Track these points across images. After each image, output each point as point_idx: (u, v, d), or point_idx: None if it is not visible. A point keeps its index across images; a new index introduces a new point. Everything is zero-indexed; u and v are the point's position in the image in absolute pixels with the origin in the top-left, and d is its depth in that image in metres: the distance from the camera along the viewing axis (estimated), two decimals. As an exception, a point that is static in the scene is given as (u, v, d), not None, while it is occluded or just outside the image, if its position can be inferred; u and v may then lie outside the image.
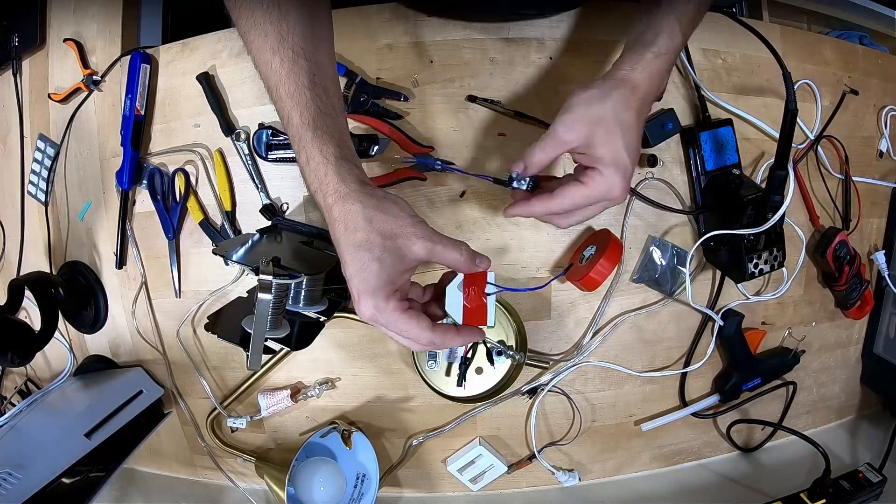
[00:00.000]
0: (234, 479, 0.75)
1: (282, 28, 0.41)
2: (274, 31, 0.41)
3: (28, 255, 0.77)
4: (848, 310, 0.77)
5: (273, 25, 0.41)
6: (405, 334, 0.41)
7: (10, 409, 0.73)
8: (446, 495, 0.74)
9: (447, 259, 0.42)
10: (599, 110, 0.43)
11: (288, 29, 0.42)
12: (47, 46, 0.72)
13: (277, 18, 0.41)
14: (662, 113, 0.63)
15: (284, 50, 0.41)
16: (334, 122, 0.42)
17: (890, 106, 0.76)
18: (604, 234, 0.64)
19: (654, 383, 0.72)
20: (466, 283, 0.45)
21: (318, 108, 0.42)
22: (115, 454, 0.66)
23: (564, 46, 0.63)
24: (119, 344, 0.75)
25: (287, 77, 0.42)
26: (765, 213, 0.61)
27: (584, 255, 0.63)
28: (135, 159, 0.67)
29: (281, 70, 0.41)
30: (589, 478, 0.74)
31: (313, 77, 0.42)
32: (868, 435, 0.80)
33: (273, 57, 0.42)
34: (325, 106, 0.42)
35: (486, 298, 0.45)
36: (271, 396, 0.69)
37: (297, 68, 0.42)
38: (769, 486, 0.70)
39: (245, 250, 0.56)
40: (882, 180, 0.77)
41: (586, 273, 0.59)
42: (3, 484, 0.54)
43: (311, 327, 0.58)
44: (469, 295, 0.45)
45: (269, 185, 0.66)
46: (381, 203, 0.40)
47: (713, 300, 0.70)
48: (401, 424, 0.71)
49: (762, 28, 0.59)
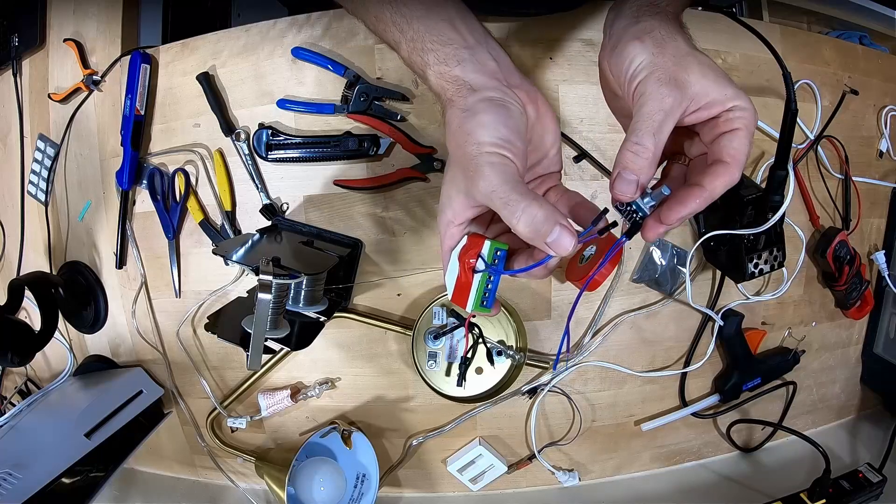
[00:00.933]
0: (234, 479, 0.75)
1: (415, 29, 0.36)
2: (410, 33, 0.36)
3: (28, 255, 0.77)
4: (848, 310, 0.77)
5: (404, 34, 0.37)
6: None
7: (10, 409, 0.73)
8: (446, 495, 0.74)
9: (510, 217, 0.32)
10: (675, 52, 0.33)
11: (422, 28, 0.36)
12: (47, 46, 0.72)
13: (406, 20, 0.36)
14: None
15: (425, 50, 0.36)
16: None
17: (890, 106, 0.76)
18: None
19: (654, 383, 0.72)
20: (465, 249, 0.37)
21: (468, 53, 0.35)
22: (115, 454, 0.66)
23: (564, 46, 0.63)
24: (119, 344, 0.75)
25: (435, 63, 0.36)
26: (765, 213, 0.60)
27: (584, 255, 0.63)
28: (135, 159, 0.67)
29: (428, 59, 0.36)
30: (589, 478, 0.74)
31: (457, 49, 0.36)
32: (868, 435, 0.80)
33: (416, 58, 0.37)
34: (469, 50, 0.36)
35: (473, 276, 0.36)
36: (271, 396, 0.69)
37: (441, 54, 0.36)
38: (769, 486, 0.70)
39: (245, 250, 0.56)
40: (882, 180, 0.77)
41: (586, 273, 0.59)
42: (3, 484, 0.54)
43: (311, 327, 0.58)
44: (465, 266, 0.37)
45: (269, 185, 0.66)
46: (508, 107, 0.34)
47: (713, 300, 0.70)
48: (401, 424, 0.71)
49: (762, 28, 0.59)
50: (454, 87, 0.35)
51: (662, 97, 0.32)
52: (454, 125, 0.34)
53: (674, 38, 0.34)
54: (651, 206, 0.34)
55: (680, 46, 0.33)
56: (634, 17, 0.36)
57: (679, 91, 0.32)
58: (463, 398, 0.67)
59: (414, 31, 0.36)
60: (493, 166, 0.32)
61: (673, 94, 0.32)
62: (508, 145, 0.33)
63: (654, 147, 0.32)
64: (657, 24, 0.35)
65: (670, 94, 0.32)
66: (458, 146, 0.34)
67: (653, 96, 0.32)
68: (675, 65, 0.33)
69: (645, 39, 0.34)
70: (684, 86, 0.32)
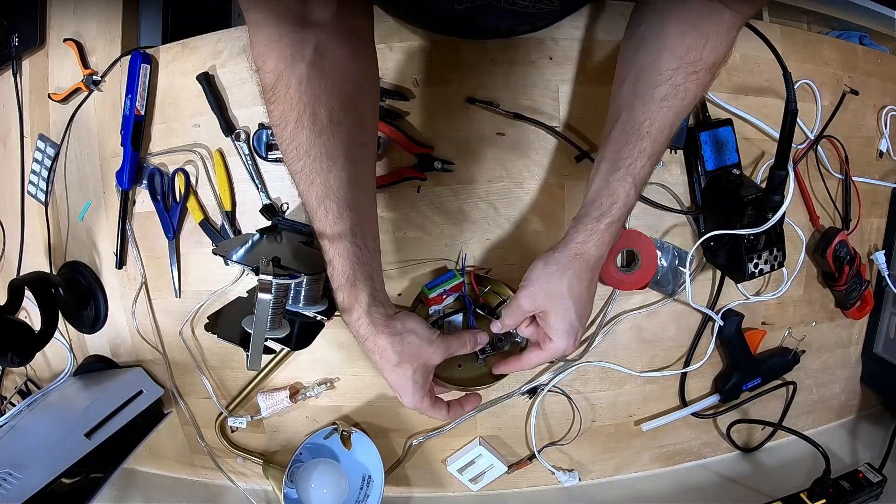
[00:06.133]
0: (234, 479, 0.75)
1: (329, 181, 0.45)
2: (320, 181, 0.45)
3: (28, 255, 0.77)
4: (848, 310, 0.77)
5: (320, 176, 0.45)
6: (432, 416, 0.54)
7: (10, 409, 0.73)
8: (446, 495, 0.74)
9: (460, 353, 0.54)
10: (557, 287, 0.50)
11: (335, 182, 0.45)
12: (47, 46, 0.72)
13: (326, 169, 0.45)
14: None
15: (329, 202, 0.45)
16: (370, 269, 0.49)
17: (890, 106, 0.76)
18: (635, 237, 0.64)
19: (654, 383, 0.72)
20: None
21: (357, 258, 0.47)
22: (115, 454, 0.66)
23: (564, 46, 0.63)
24: (119, 344, 0.75)
25: (332, 225, 0.46)
26: (765, 213, 0.60)
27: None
28: (135, 159, 0.67)
29: (326, 219, 0.46)
30: (589, 478, 0.74)
31: (355, 228, 0.47)
32: (868, 435, 0.80)
33: (319, 206, 0.46)
34: (364, 255, 0.48)
35: None
36: (271, 397, 0.69)
37: (341, 221, 0.46)
38: (769, 486, 0.70)
39: (245, 250, 0.56)
40: (882, 180, 0.77)
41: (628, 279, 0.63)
42: (3, 484, 0.54)
43: (311, 327, 0.58)
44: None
45: (269, 185, 0.66)
46: (403, 336, 0.50)
47: (713, 300, 0.70)
48: (401, 424, 0.71)
49: (762, 28, 0.59)
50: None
51: (529, 303, 0.52)
52: (389, 350, 0.50)
53: (562, 280, 0.50)
54: (484, 353, 0.61)
55: (560, 290, 0.50)
56: (562, 247, 0.51)
57: (539, 306, 0.51)
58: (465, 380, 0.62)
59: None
60: (433, 343, 0.53)
61: (536, 305, 0.52)
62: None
63: (511, 320, 0.54)
64: (568, 263, 0.50)
65: (534, 304, 0.52)
66: (404, 359, 0.51)
67: (525, 296, 0.52)
68: (545, 299, 0.51)
69: (548, 266, 0.51)
70: (546, 307, 0.51)
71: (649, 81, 0.47)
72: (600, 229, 0.49)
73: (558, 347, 0.52)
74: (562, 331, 0.51)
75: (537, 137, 0.64)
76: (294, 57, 0.42)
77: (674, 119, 0.47)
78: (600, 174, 0.50)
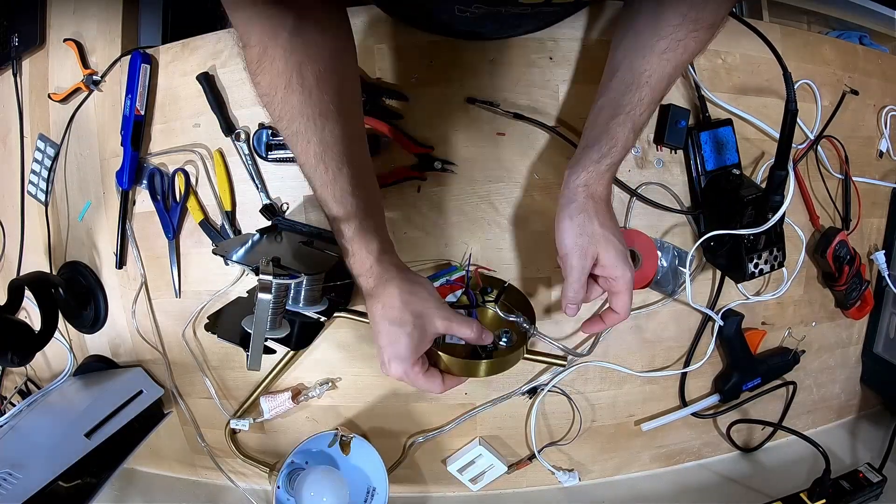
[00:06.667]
0: (234, 479, 0.75)
1: (324, 137, 0.46)
2: (316, 139, 0.46)
3: (28, 255, 0.77)
4: (848, 310, 0.77)
5: (315, 134, 0.46)
6: (424, 387, 0.51)
7: (10, 409, 0.73)
8: (446, 495, 0.74)
9: (460, 333, 0.51)
10: (591, 228, 0.51)
11: (330, 138, 0.46)
12: (47, 46, 0.72)
13: (321, 126, 0.46)
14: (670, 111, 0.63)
15: (329, 159, 0.47)
16: (375, 220, 0.50)
17: (890, 106, 0.76)
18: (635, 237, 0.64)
19: (654, 383, 0.72)
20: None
21: (361, 210, 0.48)
22: (115, 454, 0.65)
23: (564, 46, 0.63)
24: (119, 344, 0.75)
25: (332, 182, 0.47)
26: (765, 213, 0.61)
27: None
28: (135, 159, 0.67)
29: (326, 177, 0.47)
30: (589, 478, 0.74)
31: (355, 181, 0.48)
32: (868, 435, 0.80)
33: (318, 163, 0.47)
34: (368, 207, 0.49)
35: None
36: (273, 399, 0.69)
37: (341, 176, 0.47)
38: (769, 486, 0.70)
39: (245, 250, 0.56)
40: (882, 180, 0.77)
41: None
42: (3, 484, 0.54)
43: (311, 327, 0.58)
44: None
45: (269, 185, 0.66)
46: (413, 287, 0.49)
47: (713, 300, 0.70)
48: (401, 424, 0.71)
49: (762, 28, 0.59)
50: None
51: (581, 262, 0.52)
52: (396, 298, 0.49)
53: (592, 221, 0.51)
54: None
55: (595, 230, 0.51)
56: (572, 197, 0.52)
57: (591, 259, 0.52)
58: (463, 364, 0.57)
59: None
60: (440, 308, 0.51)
61: (589, 259, 0.52)
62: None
63: (579, 288, 0.53)
64: (586, 206, 0.51)
65: (586, 259, 0.51)
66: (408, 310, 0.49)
67: (577, 257, 0.51)
68: (589, 244, 0.51)
69: (574, 218, 0.51)
70: (594, 254, 0.52)
71: (652, 34, 0.49)
72: (601, 170, 0.51)
73: (626, 277, 0.52)
74: (619, 261, 0.51)
75: (537, 137, 0.64)
76: (276, 28, 0.43)
77: (672, 72, 0.50)
78: (600, 120, 0.52)
